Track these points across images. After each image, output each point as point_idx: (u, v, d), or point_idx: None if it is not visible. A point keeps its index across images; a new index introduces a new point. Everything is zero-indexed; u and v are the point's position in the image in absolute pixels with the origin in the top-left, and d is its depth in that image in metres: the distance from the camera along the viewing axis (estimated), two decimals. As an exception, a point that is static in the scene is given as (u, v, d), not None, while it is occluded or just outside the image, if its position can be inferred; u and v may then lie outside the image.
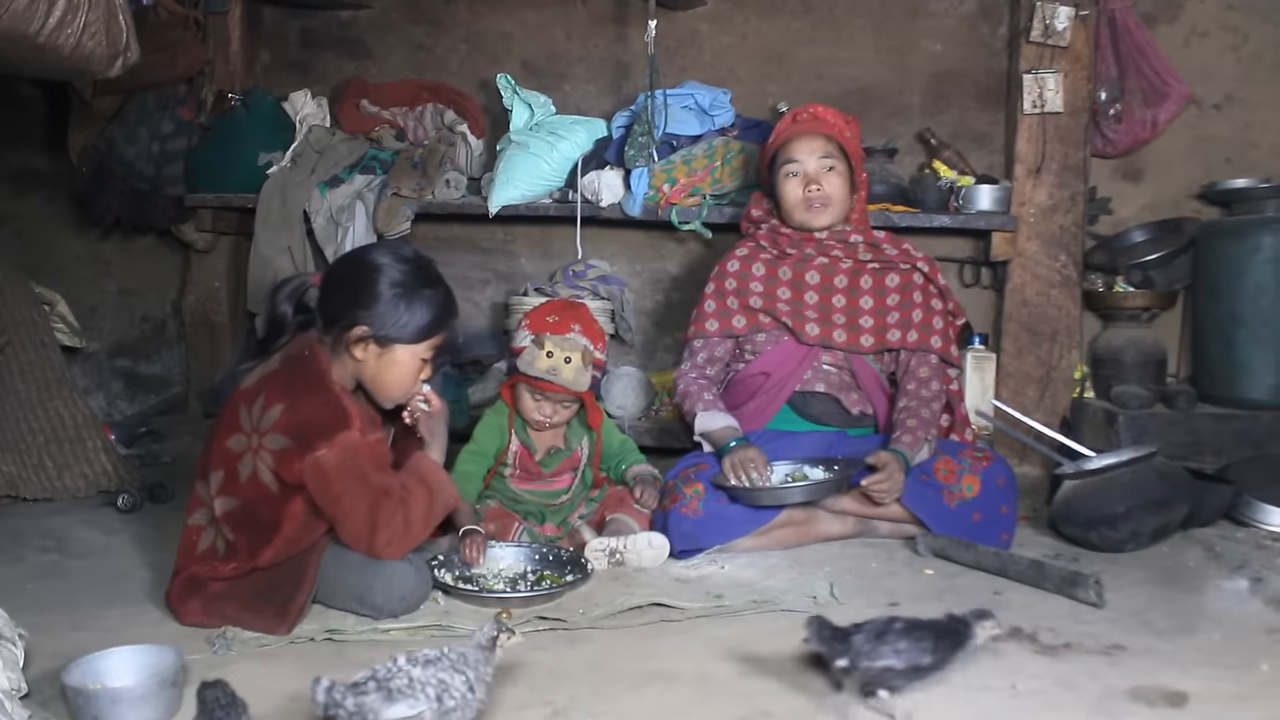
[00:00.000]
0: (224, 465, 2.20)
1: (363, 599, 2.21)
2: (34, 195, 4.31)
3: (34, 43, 2.34)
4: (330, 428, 2.13)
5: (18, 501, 3.15)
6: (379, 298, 2.22)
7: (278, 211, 3.72)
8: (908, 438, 2.74)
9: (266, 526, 2.17)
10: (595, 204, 3.56)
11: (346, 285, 2.27)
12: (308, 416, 2.14)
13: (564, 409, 2.77)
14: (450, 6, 4.08)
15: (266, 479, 2.15)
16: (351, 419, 2.15)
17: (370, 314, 2.22)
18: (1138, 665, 2.02)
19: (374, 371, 2.27)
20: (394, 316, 2.22)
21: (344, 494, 2.14)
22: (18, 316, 3.33)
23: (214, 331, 4.12)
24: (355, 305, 2.22)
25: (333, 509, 2.16)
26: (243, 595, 2.18)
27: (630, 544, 2.56)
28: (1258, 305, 3.37)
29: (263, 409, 2.16)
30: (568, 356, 2.66)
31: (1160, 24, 3.74)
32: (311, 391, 2.18)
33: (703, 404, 2.88)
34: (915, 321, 2.92)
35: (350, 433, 2.13)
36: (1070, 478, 2.82)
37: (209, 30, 3.95)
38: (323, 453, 2.11)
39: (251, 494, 2.17)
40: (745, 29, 3.94)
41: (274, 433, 2.14)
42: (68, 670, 1.82)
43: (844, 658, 1.83)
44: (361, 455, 2.15)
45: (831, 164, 2.90)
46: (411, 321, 2.24)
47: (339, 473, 2.13)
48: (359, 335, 2.23)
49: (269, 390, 2.18)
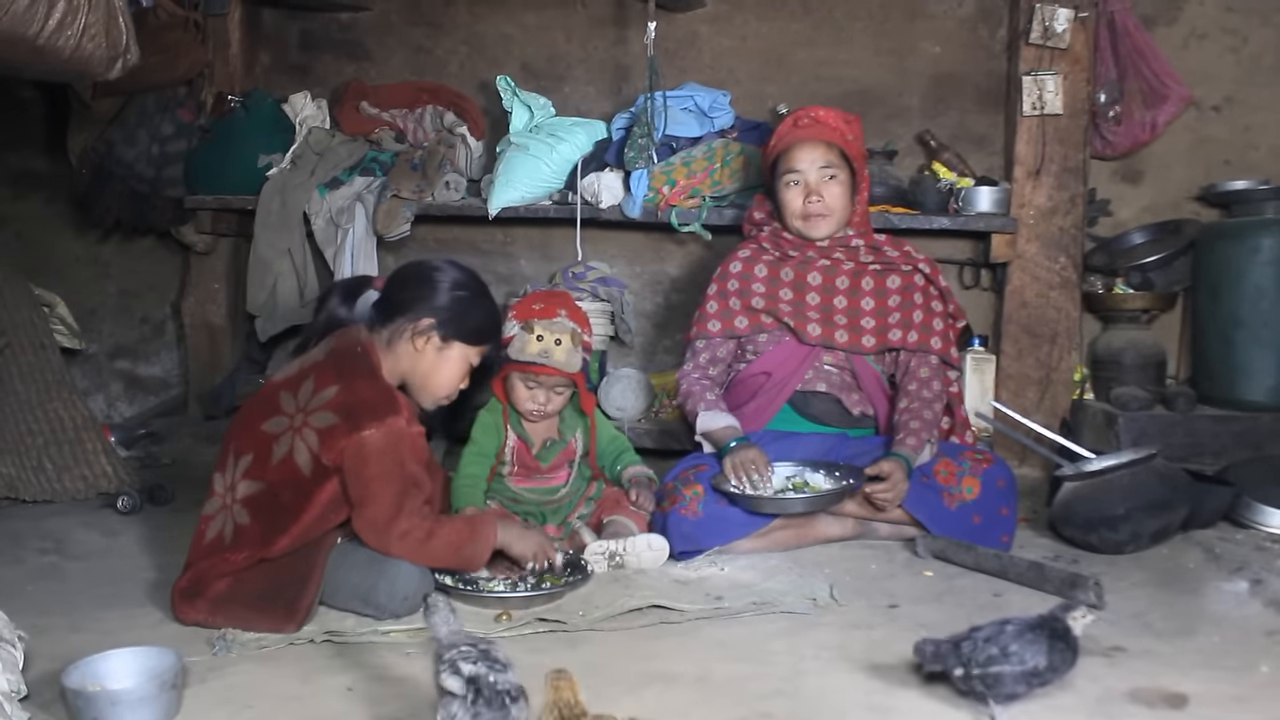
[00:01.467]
0: (255, 448, 2.26)
1: (366, 599, 2.22)
2: (34, 197, 4.31)
3: (34, 45, 2.34)
4: (382, 410, 2.21)
5: (17, 503, 3.15)
6: (448, 295, 2.40)
7: (277, 213, 3.72)
8: (910, 440, 2.74)
9: (288, 512, 2.21)
10: (595, 206, 3.56)
11: (413, 284, 2.43)
12: (361, 398, 2.23)
13: (557, 396, 2.77)
14: (450, 9, 4.08)
15: (302, 460, 2.20)
16: (401, 407, 2.26)
17: (438, 309, 2.39)
18: (1137, 667, 2.02)
19: (429, 366, 2.40)
20: (459, 314, 2.40)
21: (378, 476, 2.20)
22: (17, 318, 3.33)
23: (214, 333, 4.12)
24: (424, 300, 2.39)
25: (362, 490, 2.20)
26: (248, 596, 2.19)
27: (630, 546, 2.57)
28: (1257, 307, 3.37)
29: (313, 391, 2.25)
30: (558, 339, 2.69)
31: (1159, 26, 3.74)
32: (366, 378, 2.29)
33: (705, 404, 2.88)
34: (916, 322, 2.92)
35: (399, 419, 2.23)
36: (1070, 479, 2.82)
37: (209, 32, 3.96)
38: (370, 432, 2.18)
39: (280, 477, 2.21)
40: (745, 31, 3.94)
41: (323, 410, 2.21)
42: (67, 672, 1.82)
43: (958, 667, 1.83)
44: (405, 443, 2.23)
45: (832, 173, 2.88)
46: (473, 322, 2.42)
47: (380, 454, 2.19)
48: (426, 327, 2.37)
49: (319, 374, 2.28)
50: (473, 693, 1.58)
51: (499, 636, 2.16)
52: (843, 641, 2.15)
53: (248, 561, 2.21)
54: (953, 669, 1.84)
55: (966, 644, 1.84)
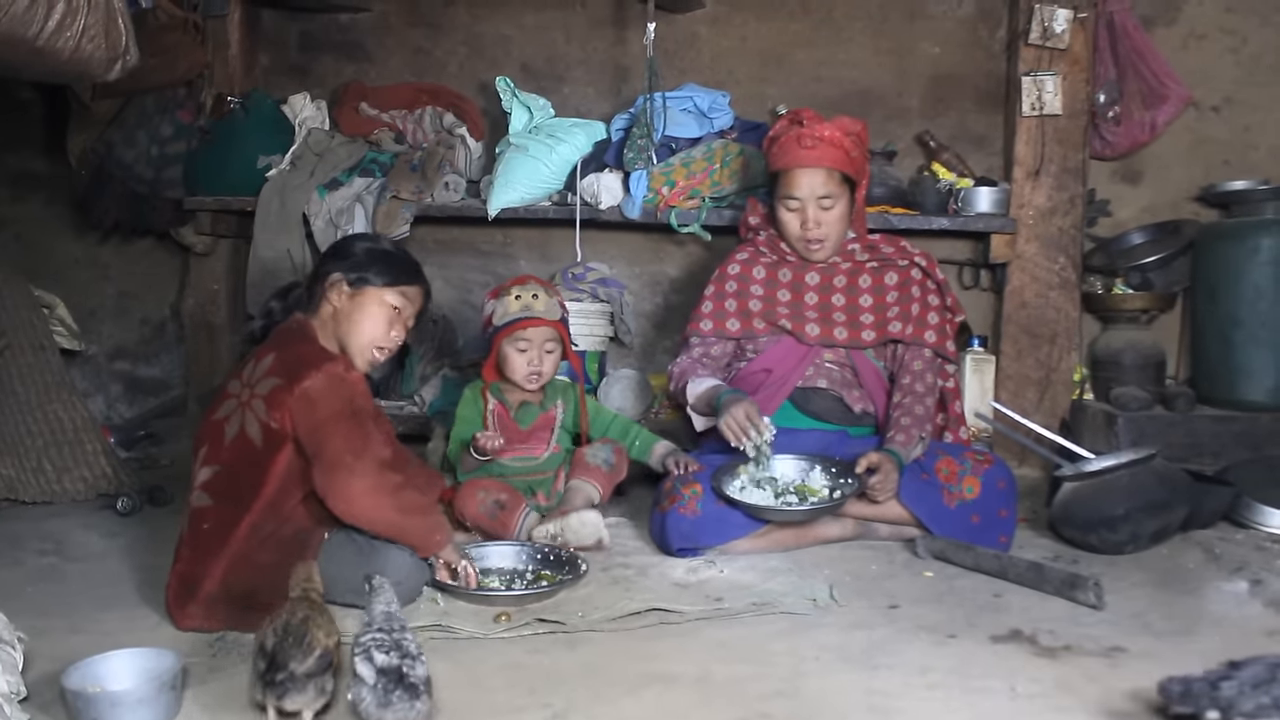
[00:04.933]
0: (210, 436, 2.31)
1: (361, 590, 2.21)
2: (33, 198, 4.31)
3: (33, 46, 2.34)
4: (318, 360, 2.29)
5: (17, 505, 3.15)
6: (353, 252, 2.49)
7: (277, 214, 3.72)
8: (901, 436, 2.74)
9: (248, 490, 2.23)
10: (594, 207, 3.56)
11: (325, 256, 2.56)
12: (297, 354, 2.31)
13: (548, 355, 2.90)
14: (449, 10, 4.09)
15: (253, 431, 2.24)
16: (338, 358, 2.34)
17: (344, 263, 2.46)
18: (1137, 667, 2.02)
19: (348, 318, 2.44)
20: (364, 261, 2.46)
21: (328, 419, 2.22)
22: (17, 320, 3.32)
23: (213, 334, 4.12)
24: (331, 260, 2.49)
25: (316, 438, 2.22)
26: (237, 595, 2.18)
27: (565, 526, 2.66)
28: (1256, 307, 3.37)
29: (254, 365, 2.32)
30: (534, 294, 2.88)
31: (1159, 26, 3.75)
32: (300, 342, 2.37)
33: (695, 377, 2.90)
34: (913, 315, 2.92)
35: (336, 364, 2.30)
36: (1070, 480, 2.82)
37: (208, 33, 3.95)
38: (309, 381, 2.23)
39: (234, 455, 2.25)
40: (744, 31, 3.94)
41: (265, 378, 2.27)
42: (67, 674, 1.82)
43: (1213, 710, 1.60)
44: (348, 384, 2.28)
45: (832, 202, 2.86)
46: (379, 265, 2.46)
47: (325, 398, 2.23)
48: (333, 280, 2.44)
49: (260, 351, 2.36)
50: (383, 683, 1.67)
51: (498, 637, 2.17)
52: (843, 642, 2.15)
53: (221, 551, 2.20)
54: (1205, 711, 1.60)
55: (1228, 686, 1.60)
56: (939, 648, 2.13)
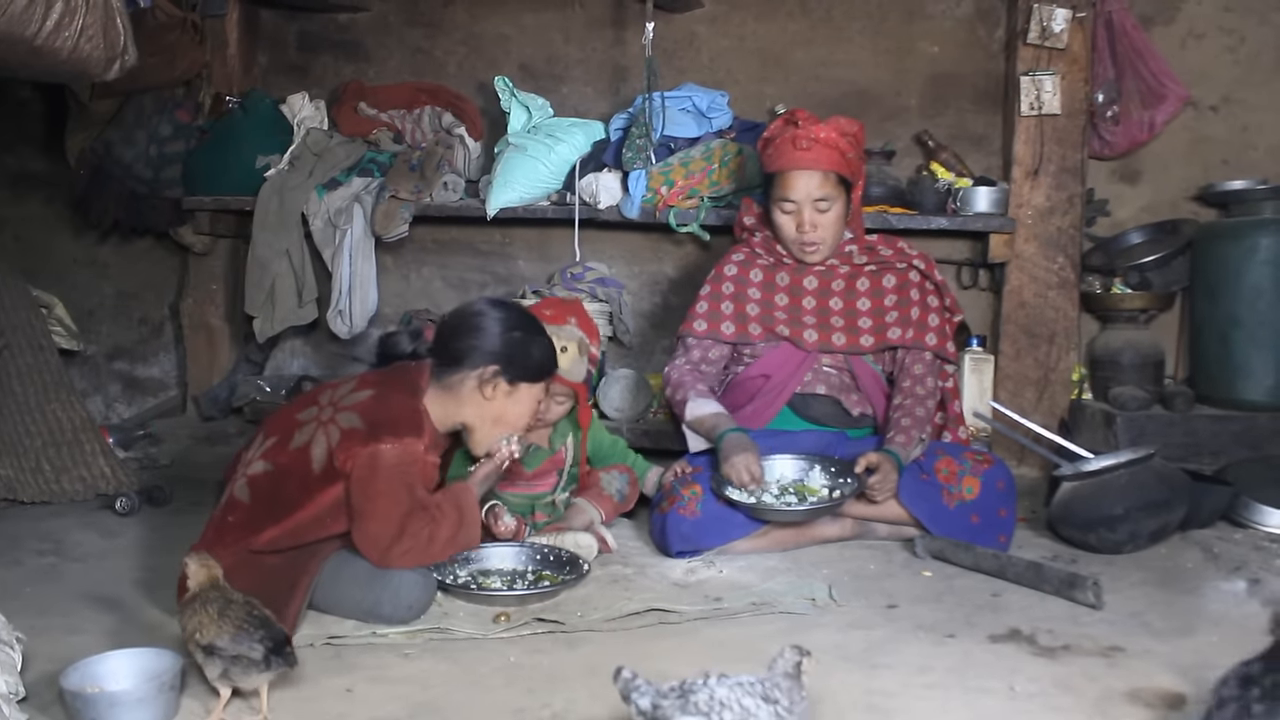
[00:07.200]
0: (280, 431, 2.29)
1: (371, 612, 2.21)
2: (32, 198, 4.31)
3: (31, 45, 2.34)
4: (404, 428, 2.24)
5: (15, 505, 3.15)
6: (504, 339, 2.40)
7: (275, 214, 3.72)
8: (900, 437, 2.74)
9: (286, 503, 2.22)
10: (593, 206, 3.56)
11: (465, 333, 2.41)
12: (389, 411, 2.25)
13: (557, 405, 2.77)
14: (448, 9, 4.08)
15: (317, 453, 2.21)
16: (424, 432, 2.28)
17: (499, 355, 2.38)
18: (1136, 667, 2.02)
19: (500, 410, 2.40)
20: (520, 356, 2.40)
21: (384, 494, 2.20)
22: (15, 320, 3.32)
23: (212, 334, 4.12)
24: (481, 348, 2.38)
25: (366, 506, 2.19)
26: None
27: (559, 541, 2.59)
28: (1255, 307, 3.38)
29: (351, 390, 2.29)
30: (564, 346, 2.67)
31: (1157, 25, 3.75)
32: (403, 394, 2.32)
33: (695, 392, 2.85)
34: (913, 319, 2.91)
35: (418, 442, 2.25)
36: (1069, 479, 2.82)
37: (207, 33, 3.95)
38: (386, 447, 2.19)
39: (291, 464, 2.23)
40: (743, 31, 3.94)
41: (351, 411, 2.24)
42: (66, 674, 1.82)
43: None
44: (417, 467, 2.25)
45: (827, 205, 2.83)
46: (535, 361, 2.43)
47: (389, 473, 2.19)
48: (491, 374, 2.37)
49: (363, 379, 2.35)
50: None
51: (498, 637, 2.17)
52: (842, 642, 2.15)
53: (235, 547, 2.19)
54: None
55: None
56: (938, 647, 2.13)
